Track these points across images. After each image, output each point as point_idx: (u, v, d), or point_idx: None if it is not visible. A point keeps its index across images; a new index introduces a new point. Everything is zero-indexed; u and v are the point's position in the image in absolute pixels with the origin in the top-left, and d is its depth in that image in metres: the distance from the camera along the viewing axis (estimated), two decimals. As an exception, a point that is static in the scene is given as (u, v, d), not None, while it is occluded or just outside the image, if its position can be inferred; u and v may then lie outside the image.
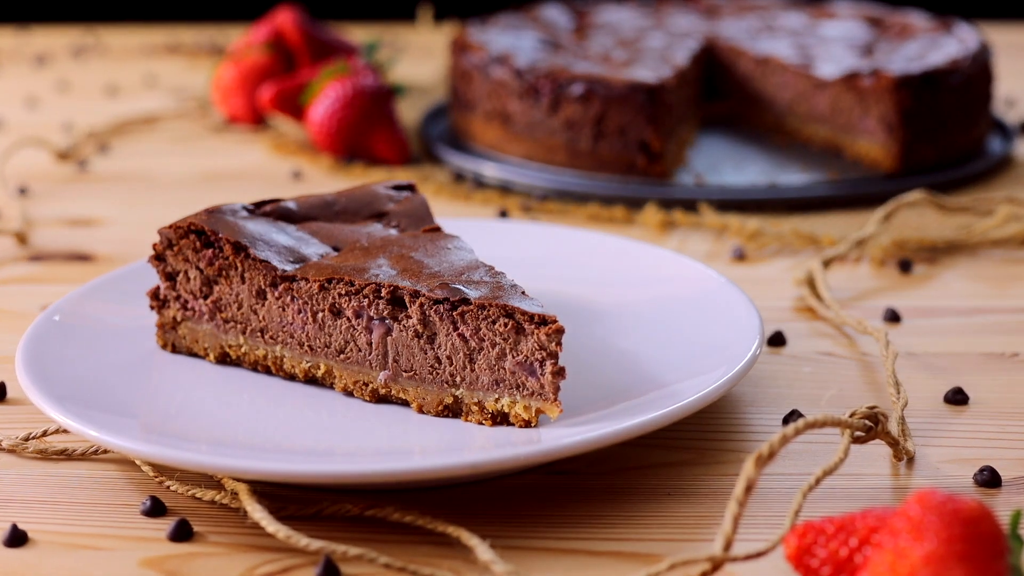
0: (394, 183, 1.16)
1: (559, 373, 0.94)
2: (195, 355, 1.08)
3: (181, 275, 1.07)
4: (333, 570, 0.83)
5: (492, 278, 0.99)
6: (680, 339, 1.07)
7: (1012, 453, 0.98)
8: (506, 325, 0.95)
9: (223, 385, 1.04)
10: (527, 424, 0.95)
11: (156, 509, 0.90)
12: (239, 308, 1.05)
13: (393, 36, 2.38)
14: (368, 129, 1.66)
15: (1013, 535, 0.73)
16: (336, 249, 1.07)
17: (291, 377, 1.04)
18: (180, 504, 0.92)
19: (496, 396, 0.96)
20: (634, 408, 0.95)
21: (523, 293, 0.97)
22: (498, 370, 0.96)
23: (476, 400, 0.97)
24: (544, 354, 0.94)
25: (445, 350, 0.97)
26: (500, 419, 0.97)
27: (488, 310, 0.95)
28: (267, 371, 1.05)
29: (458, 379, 0.97)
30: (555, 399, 0.94)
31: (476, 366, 0.97)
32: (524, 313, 0.94)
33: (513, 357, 0.95)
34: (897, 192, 1.48)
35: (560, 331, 0.94)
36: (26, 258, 1.40)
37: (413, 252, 1.04)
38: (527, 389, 0.95)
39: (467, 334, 0.96)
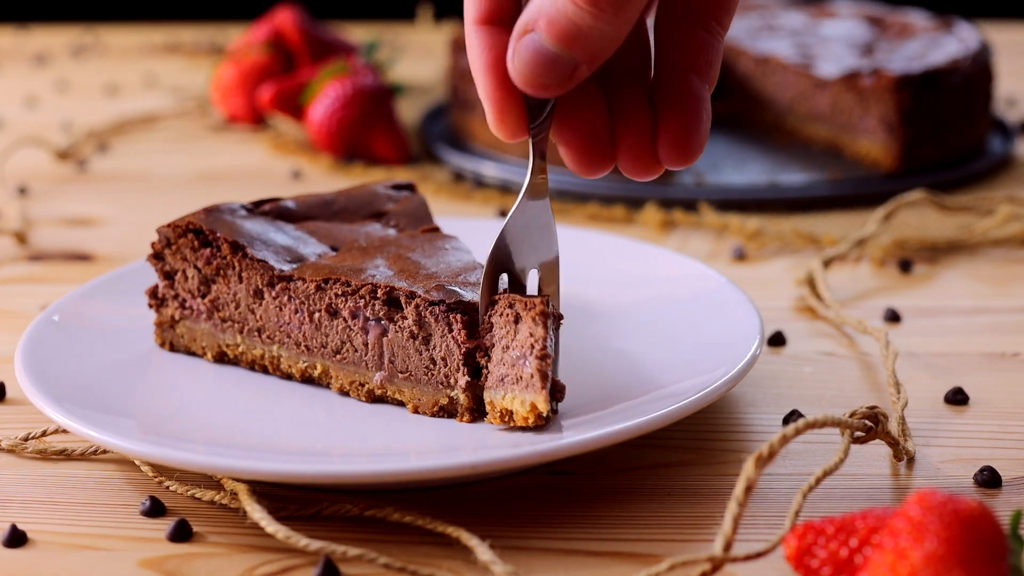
0: (393, 183, 1.16)
1: (543, 358, 0.92)
2: (193, 354, 1.08)
3: (179, 274, 1.07)
4: (332, 570, 0.82)
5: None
6: (680, 339, 1.06)
7: (1012, 453, 0.97)
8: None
9: (221, 385, 1.03)
10: (525, 422, 0.95)
11: (155, 509, 0.90)
12: (236, 307, 1.05)
13: (393, 36, 2.38)
14: (368, 129, 1.66)
15: (1014, 535, 0.73)
16: (334, 249, 1.06)
17: (288, 377, 1.04)
18: (179, 504, 0.92)
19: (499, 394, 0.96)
20: (634, 408, 0.94)
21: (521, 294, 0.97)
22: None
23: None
24: (532, 340, 0.93)
25: (440, 351, 0.97)
26: (507, 417, 0.95)
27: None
28: (264, 371, 1.05)
29: (453, 380, 0.97)
30: (543, 387, 0.91)
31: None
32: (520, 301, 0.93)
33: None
34: (897, 192, 1.47)
35: (544, 314, 0.92)
36: (25, 258, 1.40)
37: (411, 252, 1.03)
38: (522, 383, 0.93)
39: (466, 335, 0.96)
